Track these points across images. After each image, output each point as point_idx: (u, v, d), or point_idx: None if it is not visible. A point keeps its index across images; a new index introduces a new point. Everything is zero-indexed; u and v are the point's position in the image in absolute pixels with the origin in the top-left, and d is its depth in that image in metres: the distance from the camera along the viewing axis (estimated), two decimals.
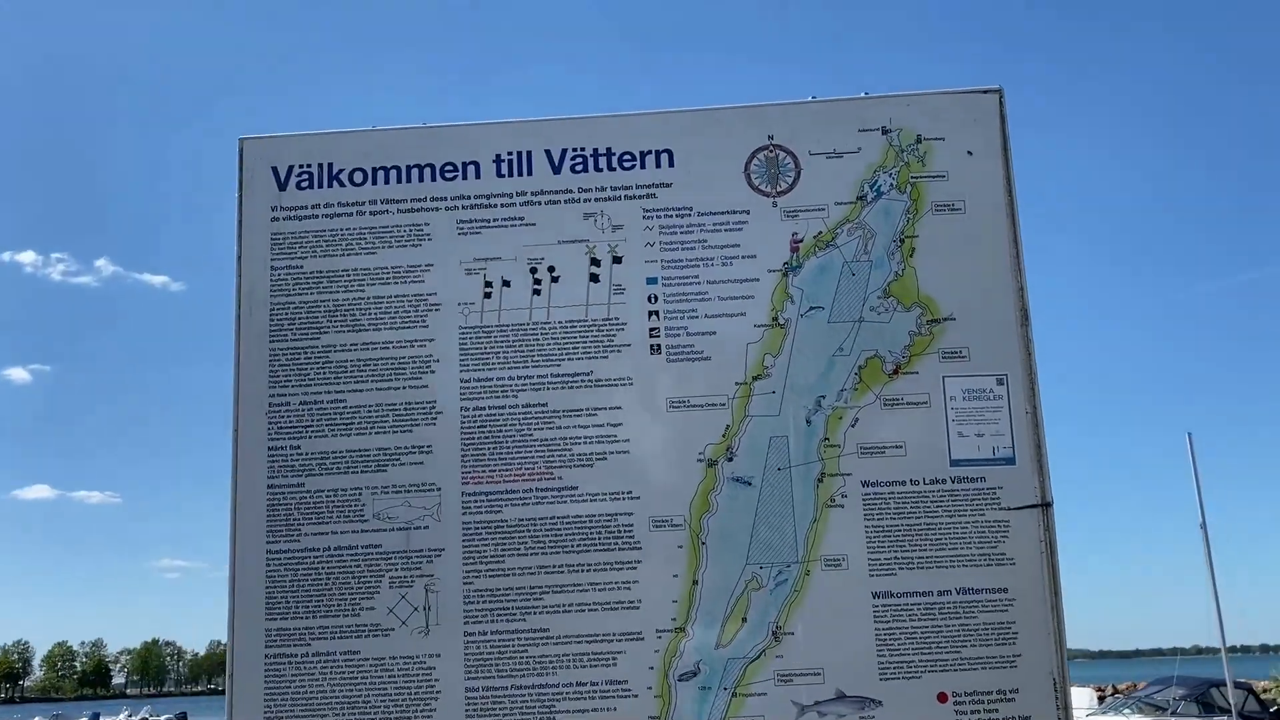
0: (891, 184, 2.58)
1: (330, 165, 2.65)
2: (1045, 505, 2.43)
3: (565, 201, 2.61)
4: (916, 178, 2.58)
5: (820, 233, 2.56)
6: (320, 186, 2.64)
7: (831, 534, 2.43)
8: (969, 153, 2.59)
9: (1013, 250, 2.55)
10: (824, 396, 2.48)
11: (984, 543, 2.42)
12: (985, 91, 2.63)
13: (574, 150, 2.64)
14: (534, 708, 2.37)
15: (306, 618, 2.43)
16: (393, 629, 2.41)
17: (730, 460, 2.46)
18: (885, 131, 2.60)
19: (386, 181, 2.64)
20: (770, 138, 2.62)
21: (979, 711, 2.36)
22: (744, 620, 2.39)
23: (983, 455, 2.45)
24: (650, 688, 2.37)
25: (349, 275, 2.59)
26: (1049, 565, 2.41)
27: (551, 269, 2.57)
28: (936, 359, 2.49)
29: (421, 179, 2.64)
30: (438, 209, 2.62)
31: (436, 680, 2.38)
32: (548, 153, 2.64)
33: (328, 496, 2.48)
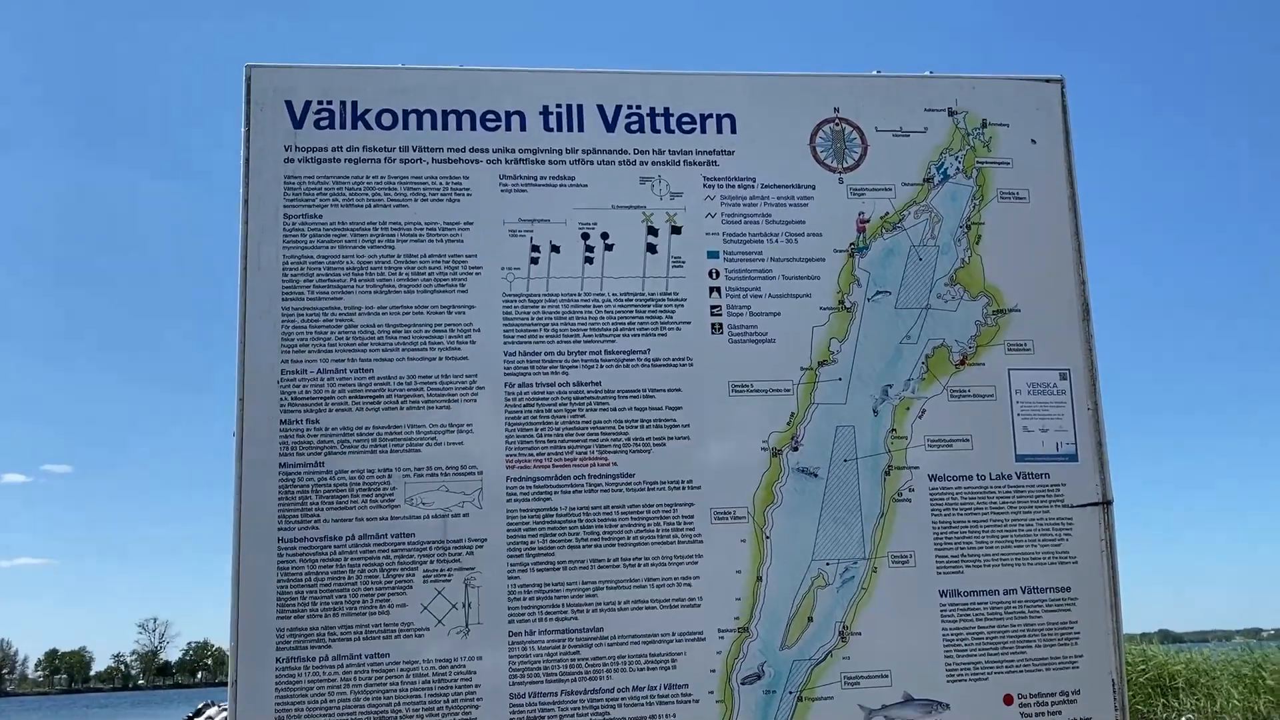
0: (958, 168, 2.49)
1: (355, 104, 2.34)
2: (1106, 503, 2.39)
3: (620, 163, 2.39)
4: (982, 163, 2.50)
5: (887, 214, 2.44)
6: (343, 127, 2.33)
7: (899, 529, 2.32)
8: (1033, 141, 2.53)
9: (1075, 243, 2.50)
10: (891, 386, 2.37)
11: (1048, 540, 2.36)
12: (1048, 80, 2.57)
13: (629, 107, 2.42)
14: (586, 715, 2.16)
15: (326, 616, 2.13)
16: (427, 629, 2.15)
17: (795, 450, 2.31)
18: (952, 113, 2.51)
19: (419, 127, 2.35)
20: (836, 110, 2.48)
21: (1042, 714, 2.30)
22: (810, 620, 2.25)
23: (1047, 451, 2.40)
24: (712, 692, 2.20)
25: (376, 229, 2.29)
26: (1109, 564, 2.38)
27: (605, 236, 2.35)
28: (1003, 350, 2.42)
29: (460, 127, 2.36)
30: (478, 161, 2.35)
31: (478, 686, 2.14)
32: (600, 108, 2.41)
33: (351, 478, 2.19)
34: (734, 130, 2.44)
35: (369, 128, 2.34)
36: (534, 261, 2.32)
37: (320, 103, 2.33)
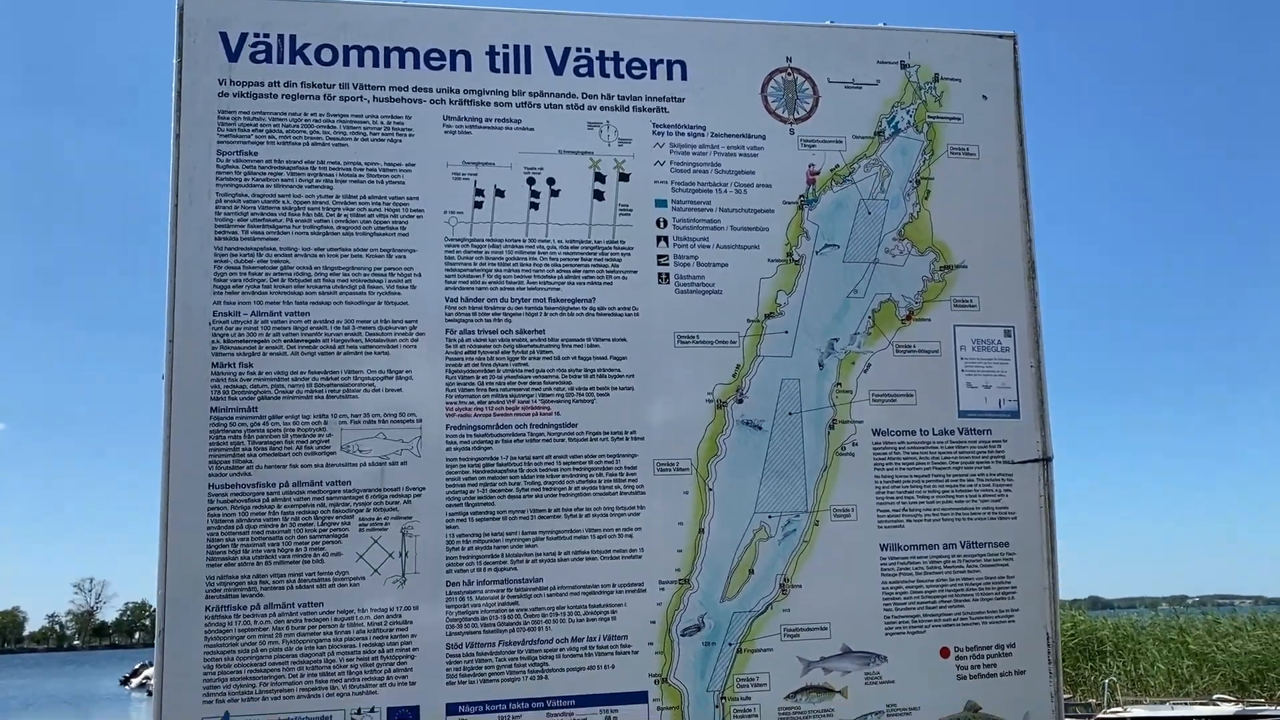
0: (909, 121, 2.47)
1: (293, 38, 2.25)
2: (1046, 460, 2.41)
3: (568, 107, 2.34)
4: (933, 117, 2.48)
5: (837, 166, 2.42)
6: (280, 61, 2.24)
7: (842, 483, 2.31)
8: (984, 97, 2.52)
9: (1023, 201, 2.50)
10: (837, 339, 2.36)
11: (988, 496, 2.38)
12: (1000, 36, 2.56)
13: (578, 50, 2.36)
14: (524, 665, 2.13)
15: (258, 564, 2.08)
16: (363, 578, 2.10)
17: (740, 402, 2.30)
18: (904, 66, 2.49)
19: (361, 64, 2.27)
20: (789, 60, 2.44)
21: (978, 666, 2.32)
22: (751, 572, 2.25)
23: (989, 407, 2.41)
24: (651, 643, 2.19)
25: (314, 168, 2.22)
26: (1047, 520, 2.40)
27: (551, 181, 2.30)
28: (949, 307, 2.42)
29: (403, 65, 2.29)
30: (421, 101, 2.28)
31: (414, 636, 2.10)
32: (549, 50, 2.35)
33: (286, 424, 2.13)
34: (685, 77, 2.39)
35: (308, 63, 2.25)
36: (478, 206, 2.26)
37: (257, 35, 2.24)
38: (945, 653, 2.31)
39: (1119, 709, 21.21)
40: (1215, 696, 23.19)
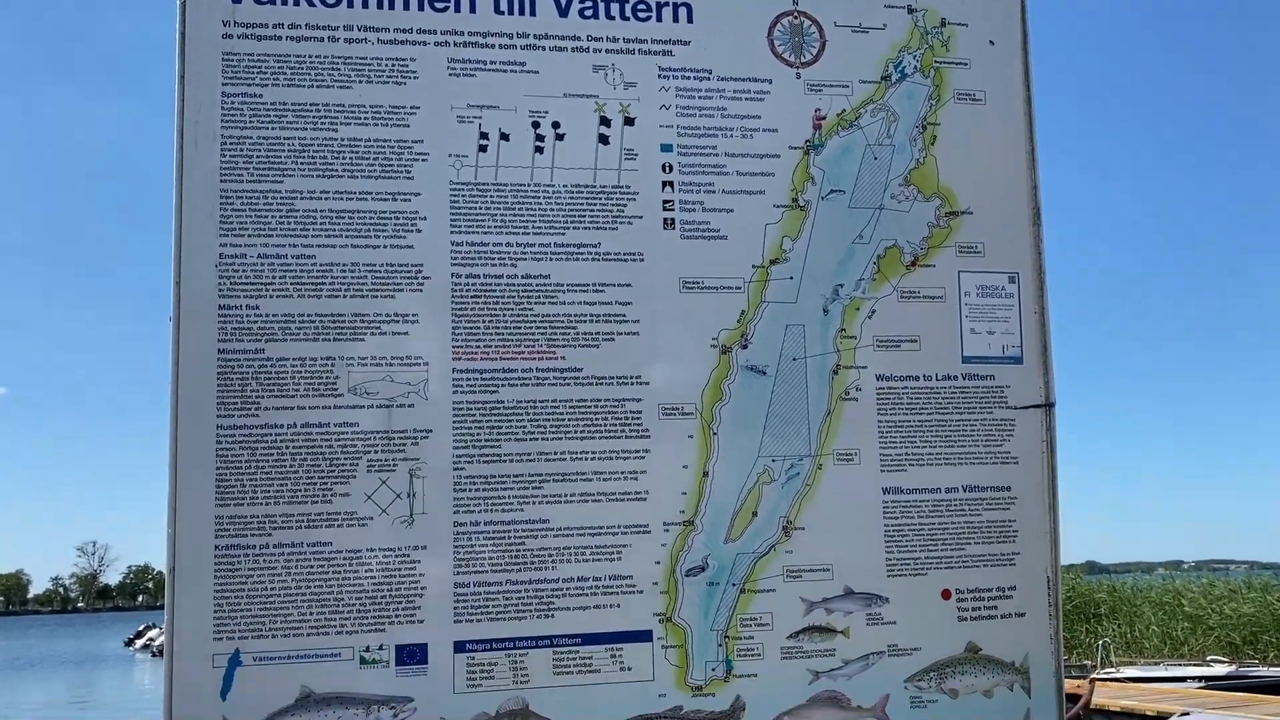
0: (915, 66, 2.46)
1: None
2: (1049, 405, 2.43)
3: (573, 50, 2.33)
4: (940, 62, 2.47)
5: (844, 111, 2.41)
6: (284, 3, 2.23)
7: (845, 428, 2.33)
8: (991, 42, 2.50)
9: (1028, 147, 2.50)
10: (842, 285, 2.36)
11: (990, 441, 2.40)
12: None
13: None
14: (530, 604, 2.16)
15: (267, 504, 2.10)
16: (371, 518, 2.12)
17: (745, 348, 2.31)
18: (911, 10, 2.47)
19: (365, 5, 2.26)
20: (795, 2, 2.43)
21: (979, 608, 2.35)
22: (754, 514, 2.27)
23: (993, 353, 2.42)
24: (656, 583, 2.21)
25: (318, 110, 2.21)
26: (1049, 465, 2.42)
27: (556, 125, 2.29)
28: (953, 253, 2.42)
29: (407, 7, 2.27)
30: (425, 43, 2.27)
31: (421, 575, 2.13)
32: None
33: (293, 365, 2.14)
34: (690, 19, 2.38)
35: (312, 4, 2.24)
36: (482, 149, 2.26)
37: None
38: (946, 595, 2.34)
39: (1114, 669, 21.45)
40: (1209, 658, 23.44)
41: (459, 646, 2.12)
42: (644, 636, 2.19)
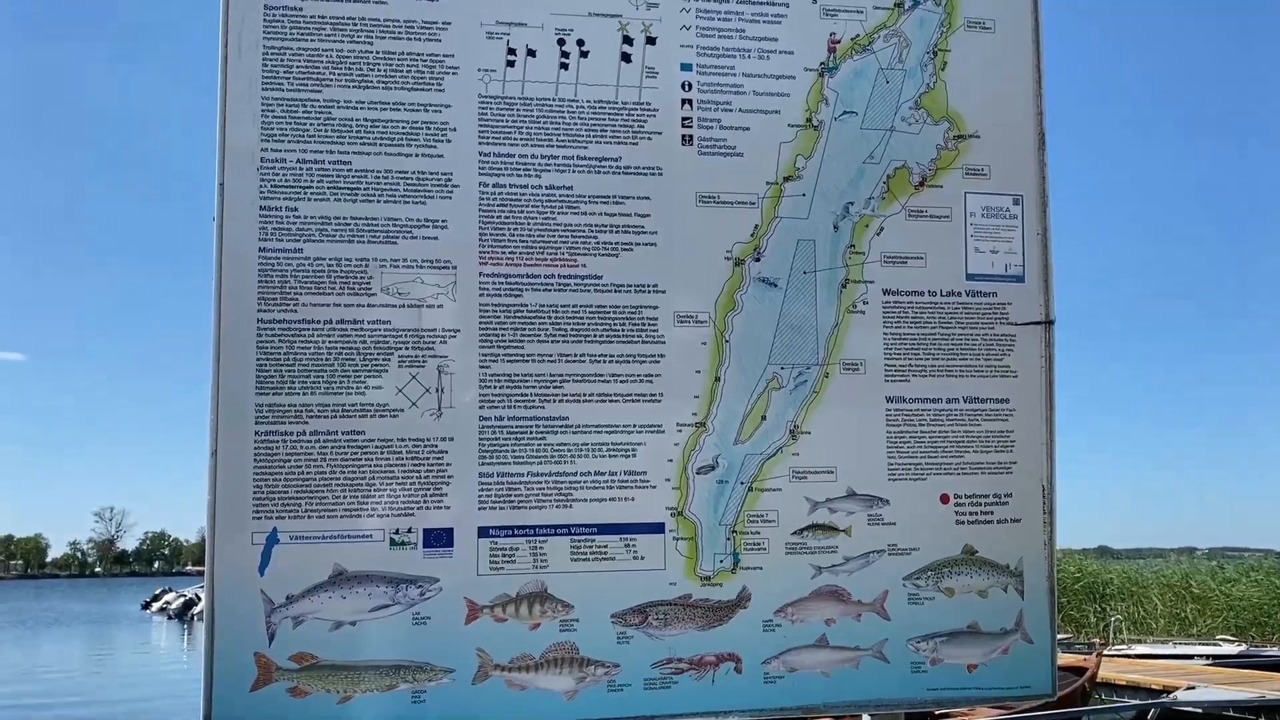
0: None
1: None
2: (1048, 323, 2.53)
3: None
4: None
5: (858, 35, 2.51)
6: None
7: (851, 339, 2.44)
8: None
9: (1035, 75, 2.59)
10: (852, 203, 2.47)
11: (991, 355, 2.50)
12: None
13: None
14: (550, 495, 2.29)
15: (304, 394, 2.23)
16: (402, 410, 2.25)
17: (757, 260, 2.41)
18: None
19: None
20: None
21: (976, 513, 2.47)
22: (763, 418, 2.39)
23: (996, 271, 2.52)
24: (668, 479, 2.34)
25: (355, 24, 2.32)
26: (1046, 379, 2.53)
27: (580, 43, 2.40)
28: (960, 175, 2.52)
29: None
30: None
31: (449, 464, 2.25)
32: None
33: (329, 265, 2.26)
34: None
35: None
36: (510, 65, 2.37)
37: None
38: (945, 499, 2.45)
39: (1123, 646, 21.55)
40: (1219, 638, 23.51)
41: (483, 532, 2.25)
42: (657, 528, 2.32)
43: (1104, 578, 28.17)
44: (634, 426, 2.33)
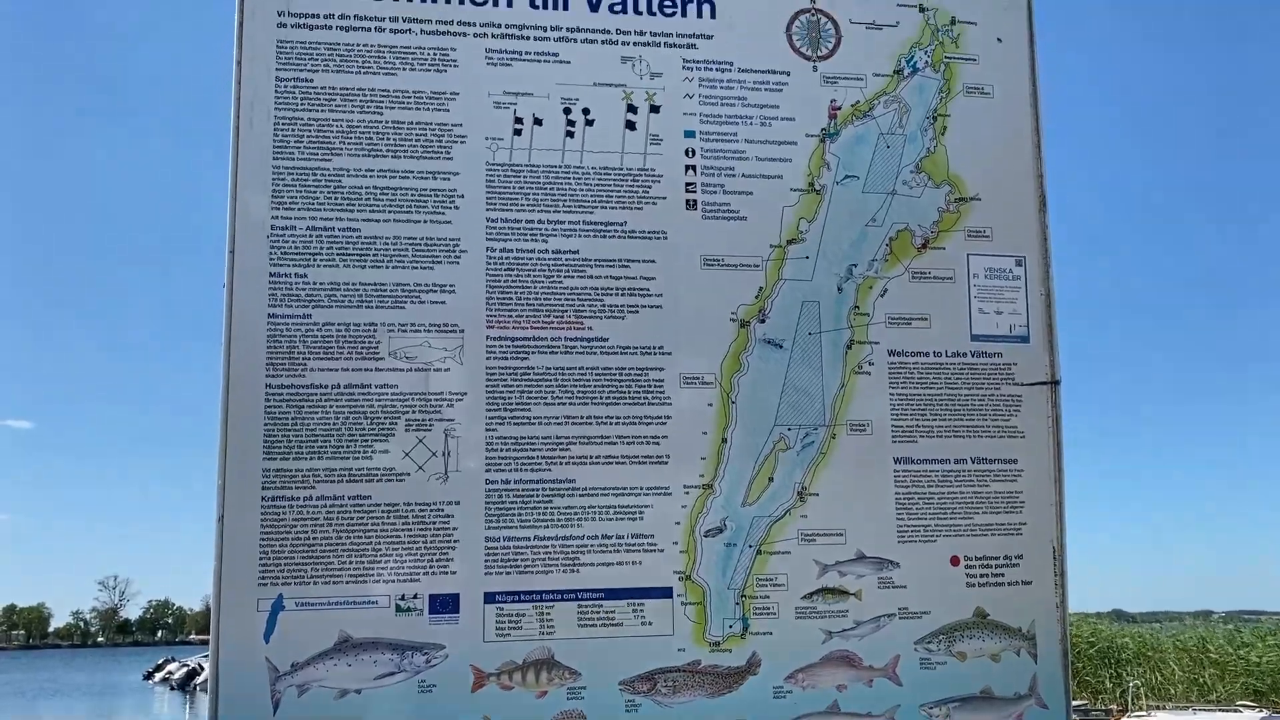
0: (927, 61, 2.59)
1: None
2: (1054, 383, 2.53)
3: (602, 42, 2.48)
4: (950, 58, 2.61)
5: (858, 102, 2.55)
6: None
7: (858, 400, 2.44)
8: (999, 40, 2.64)
9: (1035, 138, 2.62)
10: (856, 265, 2.49)
11: (998, 415, 2.50)
12: None
13: None
14: (557, 559, 2.27)
15: (310, 459, 2.23)
16: (408, 474, 2.25)
17: (762, 322, 2.43)
18: (922, 9, 2.62)
19: None
20: (812, 1, 2.58)
21: (986, 575, 2.44)
22: (770, 480, 2.38)
23: (1001, 332, 2.53)
24: (676, 542, 2.32)
25: (365, 95, 2.37)
26: (1054, 439, 2.52)
27: (586, 111, 2.44)
28: (962, 236, 2.54)
29: (449, 1, 2.44)
30: (465, 34, 2.43)
31: (455, 529, 2.24)
32: None
33: (338, 330, 2.28)
34: (713, 15, 2.53)
35: None
36: (517, 133, 2.41)
37: None
38: (955, 561, 2.43)
39: (1142, 713, 21.15)
40: (1239, 704, 23.09)
41: (489, 597, 2.24)
42: (665, 593, 2.30)
43: (1120, 642, 27.74)
44: (641, 489, 2.33)
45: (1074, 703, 2.45)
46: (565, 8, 2.48)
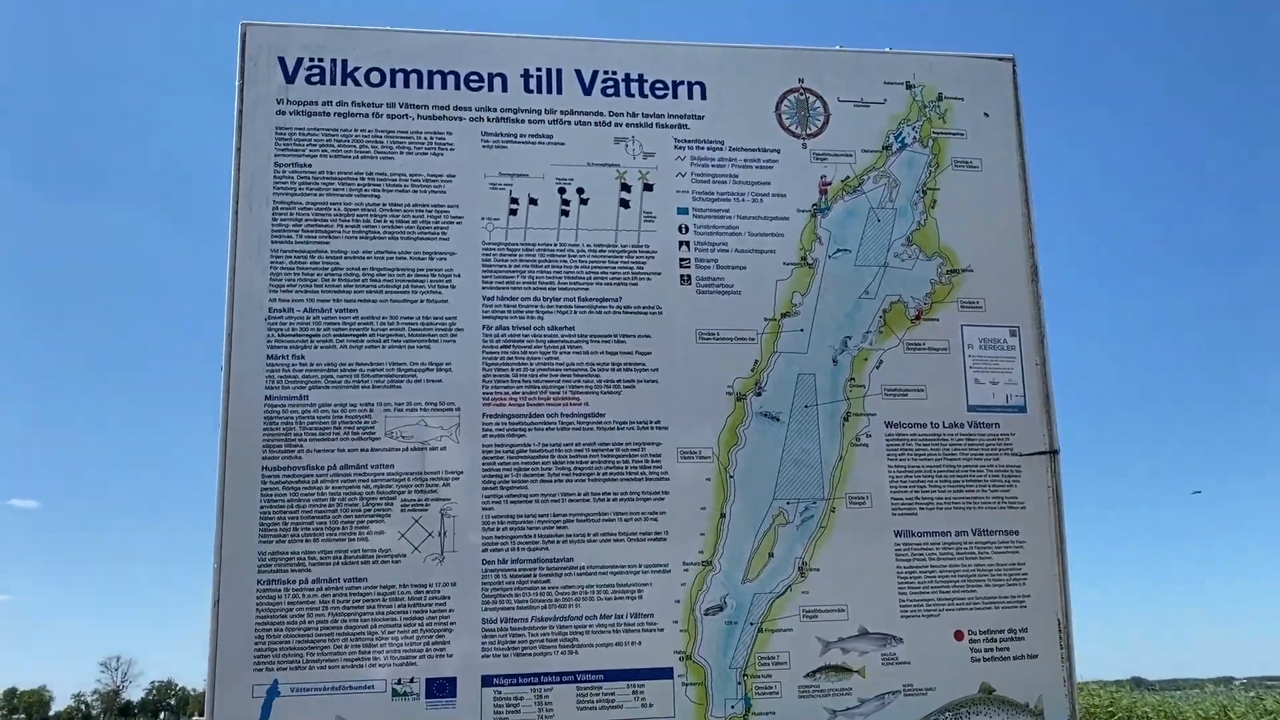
0: (914, 137, 2.64)
1: (344, 62, 2.47)
2: (1053, 453, 2.52)
3: (596, 124, 2.53)
4: (938, 133, 2.65)
5: (848, 177, 2.59)
6: (333, 83, 2.45)
7: (856, 472, 2.43)
8: (985, 114, 2.68)
9: (1024, 209, 2.65)
10: (850, 337, 2.50)
11: (997, 486, 2.48)
12: (999, 59, 2.74)
13: (605, 73, 2.56)
14: (555, 640, 2.24)
15: (306, 541, 2.22)
16: (404, 555, 2.23)
17: (759, 395, 2.43)
18: (909, 86, 2.67)
19: (406, 85, 2.48)
20: (801, 80, 2.63)
21: (991, 650, 2.40)
22: (770, 555, 2.36)
23: (997, 402, 2.53)
24: (676, 621, 2.29)
25: (363, 179, 2.41)
26: (1055, 510, 2.50)
27: (580, 191, 2.48)
28: (956, 308, 2.56)
29: (445, 86, 2.49)
30: (461, 119, 2.48)
31: (451, 610, 2.22)
32: (578, 73, 2.55)
33: (334, 411, 2.28)
34: (704, 96, 2.58)
35: (358, 84, 2.46)
36: (513, 213, 2.44)
37: (312, 59, 2.45)
38: (959, 636, 2.39)
39: None
40: None
41: (486, 680, 2.20)
42: (665, 674, 2.26)
43: (1139, 711, 27.12)
44: (640, 566, 2.31)
45: None
46: (559, 91, 2.53)
